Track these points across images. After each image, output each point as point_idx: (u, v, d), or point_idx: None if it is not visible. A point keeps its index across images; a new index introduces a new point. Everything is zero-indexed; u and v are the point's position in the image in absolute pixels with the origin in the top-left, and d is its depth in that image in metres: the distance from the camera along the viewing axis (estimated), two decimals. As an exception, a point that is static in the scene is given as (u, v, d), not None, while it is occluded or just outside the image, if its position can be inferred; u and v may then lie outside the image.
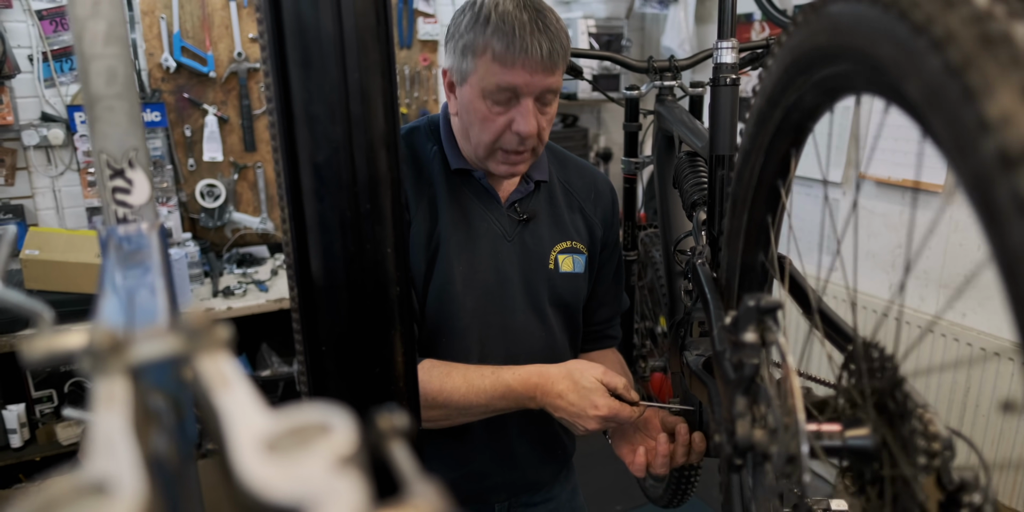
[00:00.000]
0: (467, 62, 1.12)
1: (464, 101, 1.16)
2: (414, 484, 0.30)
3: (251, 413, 0.27)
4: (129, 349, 0.31)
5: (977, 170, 0.36)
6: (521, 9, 1.08)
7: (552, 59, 1.10)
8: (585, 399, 1.08)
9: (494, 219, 1.25)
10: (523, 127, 1.13)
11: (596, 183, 1.39)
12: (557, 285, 1.29)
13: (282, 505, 0.22)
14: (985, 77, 0.36)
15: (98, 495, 0.23)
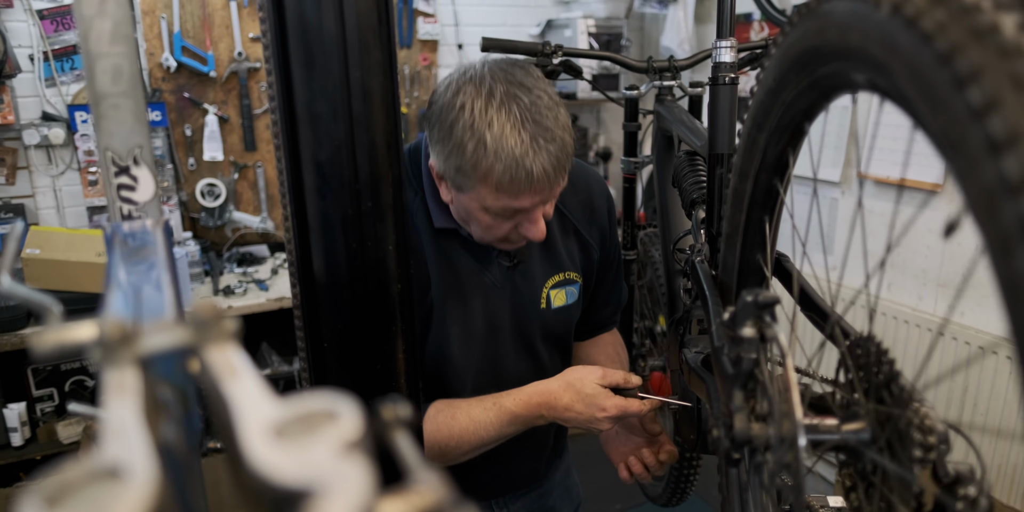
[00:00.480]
0: (463, 179, 1.03)
1: (461, 204, 1.09)
2: (417, 472, 0.30)
3: (259, 401, 0.28)
4: (138, 340, 0.32)
5: (967, 158, 0.37)
6: (520, 128, 0.98)
7: (559, 171, 1.02)
8: (592, 406, 1.09)
9: (484, 270, 1.20)
10: (533, 235, 1.09)
11: (592, 197, 1.32)
12: (549, 322, 1.28)
13: (290, 489, 0.23)
14: (973, 65, 0.37)
15: (111, 480, 0.24)
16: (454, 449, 1.14)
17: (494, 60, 1.05)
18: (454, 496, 0.28)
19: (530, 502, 1.42)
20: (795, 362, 0.75)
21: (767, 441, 0.61)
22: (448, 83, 1.03)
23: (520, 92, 1.00)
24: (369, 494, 0.23)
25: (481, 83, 1.00)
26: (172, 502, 0.27)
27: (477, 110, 0.98)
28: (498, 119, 0.98)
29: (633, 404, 1.10)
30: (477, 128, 0.98)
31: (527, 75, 1.03)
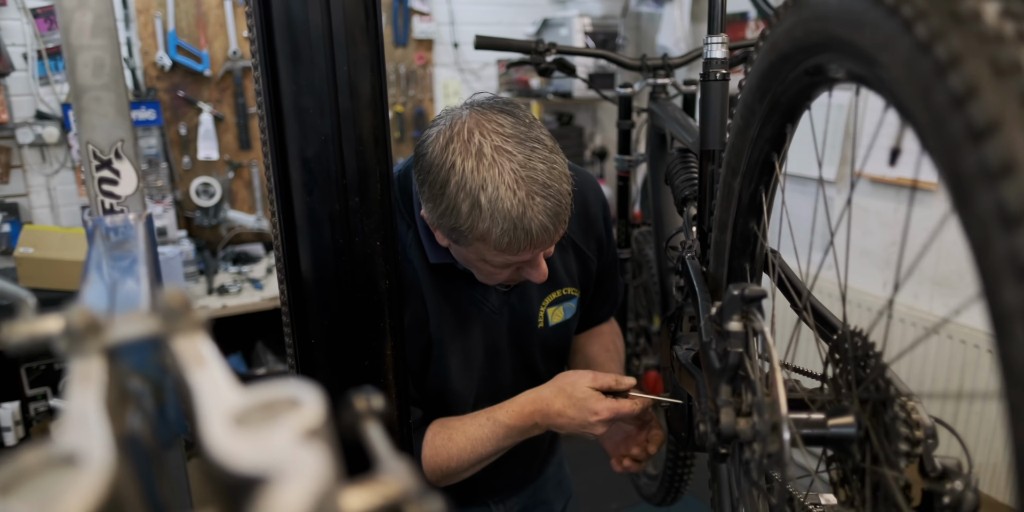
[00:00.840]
0: (459, 236, 1.00)
1: (459, 253, 1.07)
2: (386, 462, 0.30)
3: (223, 389, 0.27)
4: (105, 330, 0.32)
5: (948, 143, 0.37)
6: (515, 187, 0.93)
7: (559, 224, 0.98)
8: (584, 410, 1.08)
9: (481, 299, 1.18)
10: (535, 278, 1.07)
11: (587, 206, 1.28)
12: (547, 340, 1.27)
13: (246, 475, 0.23)
14: (953, 51, 0.37)
15: (67, 466, 0.24)
16: (455, 469, 1.14)
17: (480, 108, 0.99)
18: (421, 486, 0.28)
19: (525, 497, 1.42)
20: (785, 359, 0.75)
21: (753, 435, 0.61)
22: (435, 135, 0.98)
23: (511, 146, 0.95)
24: (327, 480, 0.22)
25: (470, 139, 0.95)
26: (133, 491, 0.26)
27: (468, 170, 0.93)
28: (491, 179, 0.93)
29: (625, 405, 1.09)
30: (470, 190, 0.93)
31: (518, 123, 0.98)
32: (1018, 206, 0.33)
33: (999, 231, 0.34)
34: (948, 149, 0.37)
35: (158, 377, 0.40)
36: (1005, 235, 0.33)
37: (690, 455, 1.53)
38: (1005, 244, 0.33)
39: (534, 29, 3.42)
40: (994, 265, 0.34)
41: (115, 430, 0.27)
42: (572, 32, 3.21)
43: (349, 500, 0.27)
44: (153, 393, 0.40)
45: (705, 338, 0.75)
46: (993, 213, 0.33)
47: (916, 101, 0.39)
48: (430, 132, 1.00)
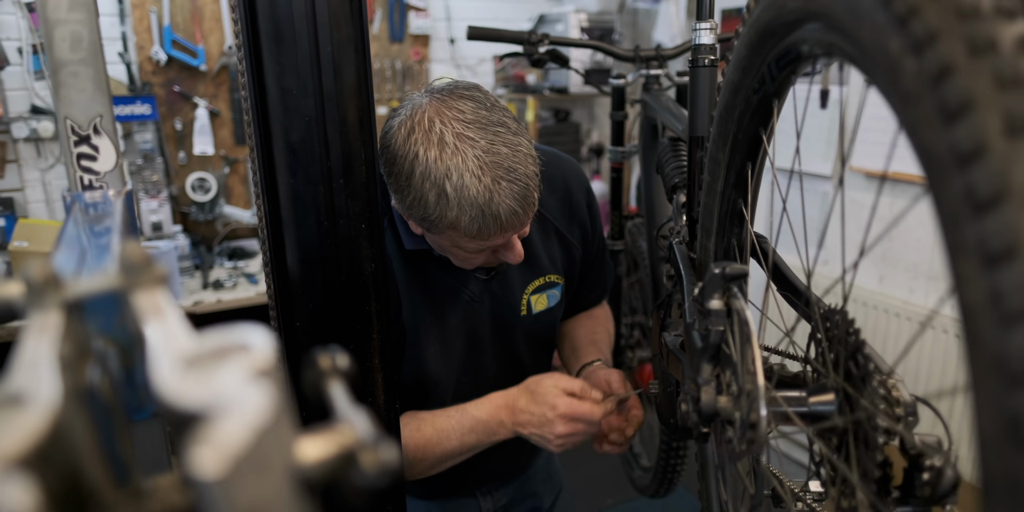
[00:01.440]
0: (430, 225, 0.99)
1: (433, 240, 1.07)
2: (344, 414, 0.30)
3: (175, 335, 0.27)
4: (65, 285, 0.32)
5: (918, 119, 0.37)
6: (479, 174, 0.93)
7: (528, 207, 0.98)
8: (543, 405, 1.08)
9: (460, 287, 1.17)
10: (511, 259, 1.07)
11: (570, 193, 1.28)
12: (530, 328, 1.26)
13: (192, 411, 0.22)
14: (929, 27, 0.36)
15: (12, 407, 0.24)
16: (420, 460, 1.13)
17: (439, 95, 0.98)
18: (378, 434, 0.28)
19: (513, 490, 1.42)
20: (771, 342, 0.75)
21: (734, 413, 0.60)
22: (398, 125, 0.98)
23: (473, 132, 0.94)
24: (273, 416, 0.22)
25: (431, 128, 0.94)
26: (85, 438, 0.26)
27: (431, 159, 0.93)
28: (455, 167, 0.92)
29: (583, 405, 1.07)
30: (436, 180, 0.93)
31: (479, 107, 0.97)
32: (990, 190, 0.32)
33: (969, 215, 0.33)
34: (917, 126, 0.37)
35: (126, 342, 0.40)
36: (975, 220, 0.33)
37: (683, 446, 1.53)
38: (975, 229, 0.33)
39: (530, 25, 3.42)
40: (961, 245, 0.34)
41: (69, 380, 0.27)
42: (568, 27, 3.21)
43: (305, 448, 0.27)
44: (121, 357, 0.40)
45: (689, 319, 0.75)
46: (962, 197, 0.33)
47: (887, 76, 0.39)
48: (392, 123, 0.99)
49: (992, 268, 0.32)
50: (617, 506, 2.91)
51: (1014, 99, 0.31)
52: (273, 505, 0.23)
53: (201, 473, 0.20)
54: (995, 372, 0.32)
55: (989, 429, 0.32)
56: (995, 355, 0.31)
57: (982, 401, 0.33)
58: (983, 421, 0.33)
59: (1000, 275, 0.31)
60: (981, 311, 0.32)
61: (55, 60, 0.57)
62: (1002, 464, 0.31)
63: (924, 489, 0.57)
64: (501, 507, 1.40)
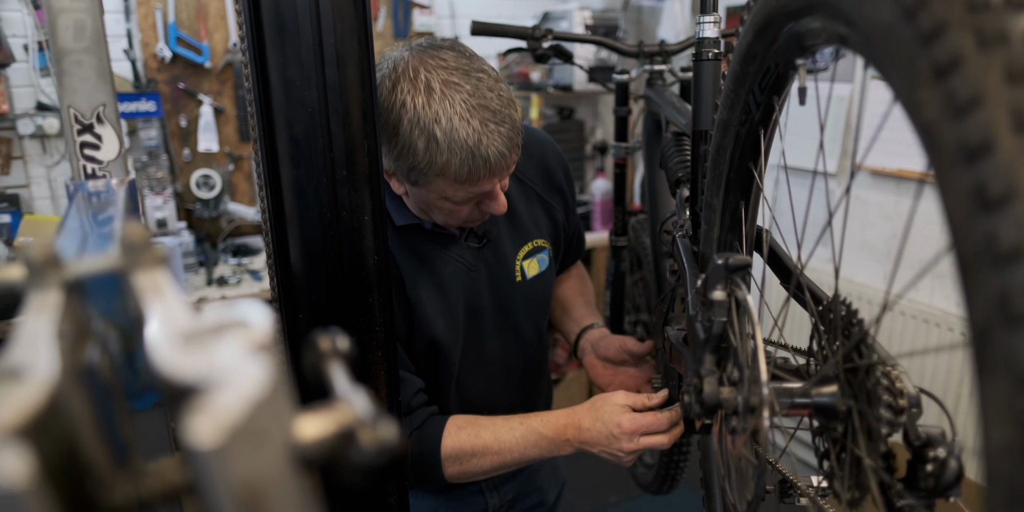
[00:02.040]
0: (417, 176, 1.00)
1: (418, 196, 1.07)
2: (343, 393, 0.30)
3: (174, 312, 0.27)
4: (65, 265, 0.32)
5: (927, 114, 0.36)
6: (468, 117, 0.95)
7: (514, 150, 1.00)
8: (608, 423, 1.07)
9: (455, 257, 1.18)
10: (496, 210, 1.07)
11: (546, 159, 1.31)
12: (527, 294, 1.27)
13: (189, 384, 0.22)
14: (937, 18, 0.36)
15: (10, 380, 0.24)
16: (475, 466, 1.12)
17: (420, 48, 1.00)
18: (377, 413, 0.28)
19: (519, 484, 1.42)
20: (779, 338, 0.75)
21: (736, 404, 0.60)
22: (381, 79, 0.99)
23: (458, 78, 0.96)
24: (269, 389, 0.22)
25: (416, 77, 0.96)
26: (83, 413, 0.26)
27: (419, 106, 0.95)
28: (443, 112, 0.94)
29: (647, 417, 1.06)
30: (425, 125, 0.95)
31: (460, 56, 0.99)
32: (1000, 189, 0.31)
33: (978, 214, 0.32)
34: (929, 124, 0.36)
35: (127, 326, 0.40)
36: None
37: (686, 443, 1.53)
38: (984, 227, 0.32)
39: (535, 22, 3.42)
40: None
41: (68, 357, 0.27)
42: (572, 25, 3.20)
43: (304, 426, 0.27)
44: (122, 341, 0.40)
45: (692, 311, 0.75)
46: (970, 193, 0.32)
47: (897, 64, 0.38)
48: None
49: (1001, 267, 0.31)
50: (620, 504, 2.91)
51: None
52: (270, 479, 0.23)
53: (198, 443, 0.20)
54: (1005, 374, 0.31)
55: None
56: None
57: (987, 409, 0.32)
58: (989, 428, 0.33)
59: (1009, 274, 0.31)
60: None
61: (59, 49, 0.57)
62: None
63: (927, 481, 0.57)
64: (507, 502, 1.40)
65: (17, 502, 0.19)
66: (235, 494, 0.21)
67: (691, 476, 1.57)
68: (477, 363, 1.23)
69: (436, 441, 1.11)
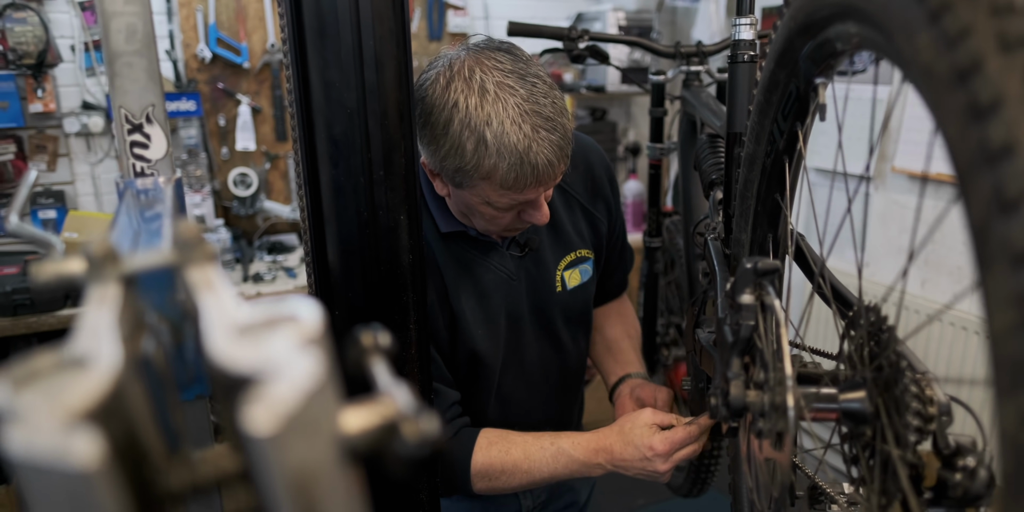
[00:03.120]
0: (463, 177, 0.99)
1: (460, 199, 1.06)
2: (386, 388, 0.31)
3: (228, 307, 0.28)
4: (122, 259, 0.33)
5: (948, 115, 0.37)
6: (519, 121, 0.93)
7: (563, 159, 0.99)
8: (640, 448, 1.06)
9: (497, 266, 1.18)
10: (537, 220, 1.06)
11: (591, 168, 1.29)
12: (567, 304, 1.26)
13: (243, 375, 0.24)
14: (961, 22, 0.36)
15: (76, 368, 0.25)
16: (504, 483, 1.13)
17: (478, 48, 1.00)
18: (419, 406, 0.29)
19: (552, 485, 1.42)
20: (809, 343, 0.75)
21: (763, 407, 0.60)
22: (435, 77, 0.98)
23: (513, 81, 0.95)
24: (320, 381, 0.24)
25: (471, 77, 0.95)
26: (141, 400, 0.28)
27: (472, 107, 0.94)
28: (495, 114, 0.93)
29: (679, 433, 1.06)
30: (475, 127, 0.93)
31: (516, 60, 0.99)
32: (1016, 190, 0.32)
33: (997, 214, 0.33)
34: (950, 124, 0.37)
35: (177, 319, 0.41)
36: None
37: (717, 446, 1.52)
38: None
39: (568, 24, 3.42)
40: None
41: (127, 348, 0.29)
42: (606, 26, 3.20)
43: (350, 419, 0.28)
44: (172, 333, 0.41)
45: (721, 314, 0.75)
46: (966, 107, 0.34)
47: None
48: (428, 75, 1.00)
49: (993, 163, 0.33)
50: (649, 507, 2.90)
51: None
52: (321, 467, 0.24)
53: (254, 430, 0.21)
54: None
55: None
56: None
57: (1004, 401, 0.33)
58: (1007, 423, 0.33)
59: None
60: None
61: (111, 51, 0.59)
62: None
63: (957, 490, 0.57)
64: (540, 503, 1.41)
65: (89, 483, 0.21)
66: (288, 480, 0.22)
67: (721, 480, 1.57)
68: (517, 372, 1.24)
69: (467, 455, 1.11)
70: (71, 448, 0.20)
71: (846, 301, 0.72)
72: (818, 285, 0.74)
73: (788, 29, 0.66)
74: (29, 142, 2.82)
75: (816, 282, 0.69)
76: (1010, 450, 0.31)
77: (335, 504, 0.24)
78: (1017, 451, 0.30)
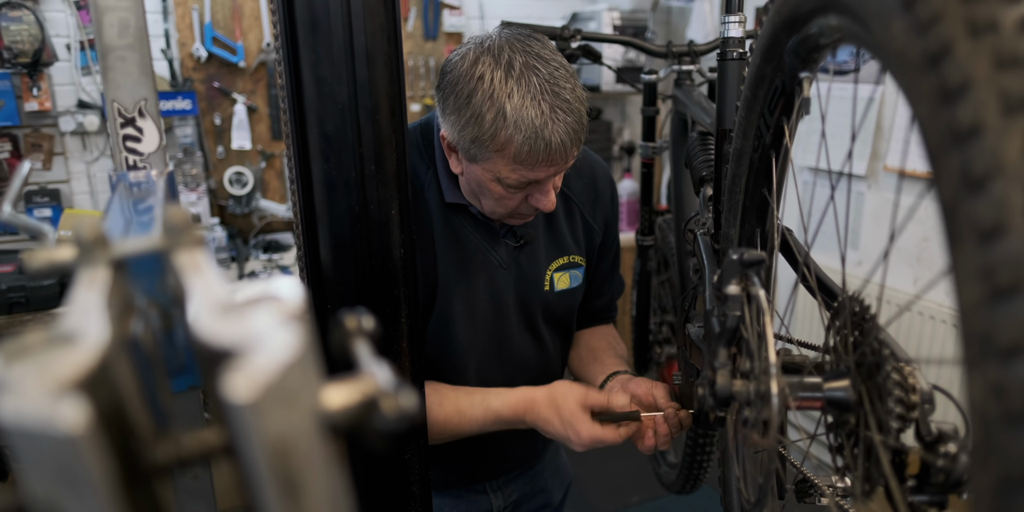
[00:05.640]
0: (478, 149, 1.02)
1: (472, 176, 1.09)
2: (368, 367, 0.32)
3: (213, 286, 0.29)
4: (112, 244, 0.34)
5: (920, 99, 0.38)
6: (540, 99, 0.98)
7: (576, 142, 1.02)
8: (568, 428, 1.07)
9: (490, 249, 1.20)
10: (544, 205, 1.09)
11: (596, 180, 1.32)
12: (552, 304, 1.28)
13: (222, 348, 0.25)
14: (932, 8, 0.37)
15: (65, 344, 0.26)
16: (435, 434, 1.15)
17: (510, 31, 1.05)
18: (399, 383, 0.30)
19: (523, 484, 1.42)
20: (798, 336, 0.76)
21: (748, 396, 0.61)
22: (464, 53, 1.03)
23: (538, 63, 1.00)
24: (299, 355, 0.24)
25: (500, 53, 1.00)
26: (129, 377, 0.28)
27: (497, 80, 0.98)
28: (518, 90, 0.97)
29: (609, 434, 1.06)
30: (496, 98, 0.98)
31: (543, 47, 1.03)
32: (982, 169, 0.33)
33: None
34: (910, 76, 0.38)
35: (167, 305, 0.42)
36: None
37: (709, 442, 1.53)
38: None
39: (563, 23, 3.43)
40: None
41: (116, 327, 0.30)
42: (601, 26, 3.21)
43: (331, 396, 0.29)
44: (162, 319, 0.42)
45: (709, 306, 0.76)
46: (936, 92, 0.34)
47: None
48: (459, 51, 1.05)
49: (961, 143, 0.34)
50: (643, 504, 2.91)
51: (1012, 79, 0.32)
52: (299, 438, 0.25)
53: (234, 398, 0.22)
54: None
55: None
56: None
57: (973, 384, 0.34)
58: (975, 403, 0.34)
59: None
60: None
61: (104, 45, 0.60)
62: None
63: (938, 476, 0.58)
64: (512, 503, 1.41)
65: (75, 447, 0.21)
66: (267, 449, 0.23)
67: (714, 475, 1.58)
68: (497, 362, 1.25)
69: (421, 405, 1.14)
70: (58, 414, 0.21)
71: (831, 292, 0.73)
72: (803, 276, 0.75)
73: (773, 24, 0.67)
74: (25, 141, 2.83)
75: (800, 272, 0.70)
76: (978, 421, 0.32)
77: (314, 474, 0.25)
78: (984, 421, 0.31)
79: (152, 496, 0.28)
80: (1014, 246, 0.31)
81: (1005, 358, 0.31)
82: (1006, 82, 0.32)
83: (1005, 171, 0.31)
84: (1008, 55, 0.32)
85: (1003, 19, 0.33)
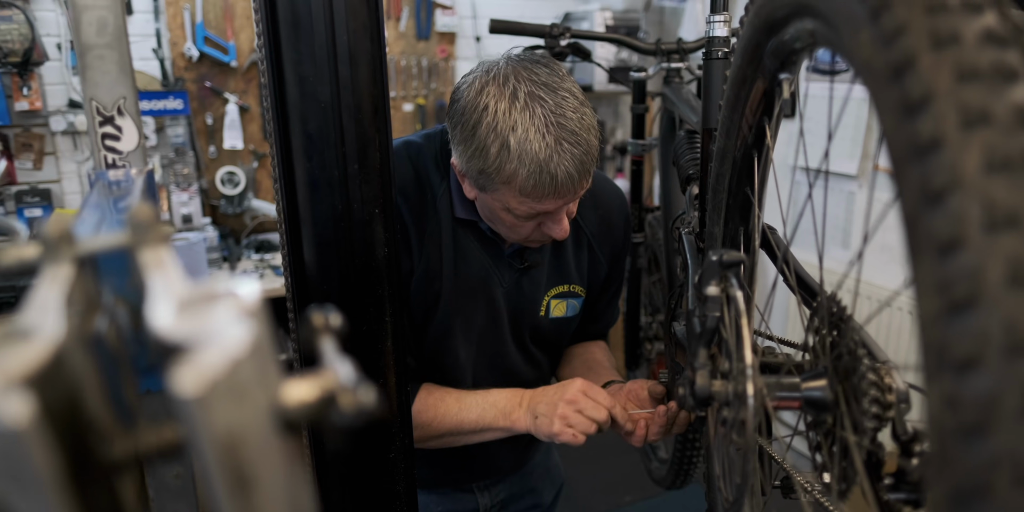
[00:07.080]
0: (485, 181, 1.01)
1: (484, 203, 1.08)
2: (330, 363, 0.32)
3: (173, 283, 0.29)
4: (77, 241, 0.34)
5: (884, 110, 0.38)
6: (544, 131, 0.95)
7: (584, 175, 1.00)
8: (562, 391, 1.10)
9: (493, 266, 1.20)
10: (556, 234, 1.08)
11: (611, 215, 1.30)
12: (543, 330, 1.28)
13: (175, 342, 0.25)
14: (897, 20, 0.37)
15: (20, 338, 0.26)
16: (435, 429, 1.15)
17: (518, 58, 1.02)
18: (359, 379, 0.30)
19: (511, 485, 1.42)
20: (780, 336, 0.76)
21: (727, 396, 0.62)
22: (471, 81, 1.02)
23: (544, 93, 0.97)
24: (253, 349, 0.24)
25: (504, 83, 0.98)
26: (88, 372, 0.28)
27: (500, 112, 0.96)
28: (522, 122, 0.95)
29: (601, 411, 1.07)
30: (500, 131, 0.96)
31: (552, 74, 1.01)
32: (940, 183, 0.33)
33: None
34: (876, 83, 0.38)
35: (137, 303, 0.42)
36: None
37: (699, 439, 1.53)
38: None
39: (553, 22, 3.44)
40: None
41: (76, 323, 0.30)
42: (594, 25, 3.22)
43: (290, 391, 0.29)
44: (132, 317, 0.42)
45: (691, 306, 0.76)
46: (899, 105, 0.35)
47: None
48: (466, 79, 1.04)
49: (922, 157, 0.34)
50: (636, 503, 2.91)
51: (972, 92, 0.32)
52: (250, 433, 0.25)
53: (180, 392, 0.22)
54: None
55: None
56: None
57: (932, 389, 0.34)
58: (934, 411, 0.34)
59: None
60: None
61: (82, 44, 0.60)
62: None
63: (914, 474, 0.58)
64: (499, 502, 1.41)
65: (19, 442, 0.21)
66: (216, 442, 0.23)
67: (702, 472, 1.58)
68: (493, 376, 1.25)
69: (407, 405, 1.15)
70: (2, 409, 0.21)
71: (812, 291, 0.73)
72: (784, 276, 0.75)
73: (753, 26, 0.67)
74: (15, 140, 2.82)
75: (780, 269, 0.71)
76: (934, 432, 0.32)
77: (266, 469, 0.25)
78: (939, 433, 0.32)
79: (109, 492, 0.28)
80: (970, 260, 0.31)
81: (959, 371, 0.31)
82: (966, 96, 0.32)
83: (963, 185, 0.31)
84: (969, 68, 0.33)
85: (965, 32, 0.33)
